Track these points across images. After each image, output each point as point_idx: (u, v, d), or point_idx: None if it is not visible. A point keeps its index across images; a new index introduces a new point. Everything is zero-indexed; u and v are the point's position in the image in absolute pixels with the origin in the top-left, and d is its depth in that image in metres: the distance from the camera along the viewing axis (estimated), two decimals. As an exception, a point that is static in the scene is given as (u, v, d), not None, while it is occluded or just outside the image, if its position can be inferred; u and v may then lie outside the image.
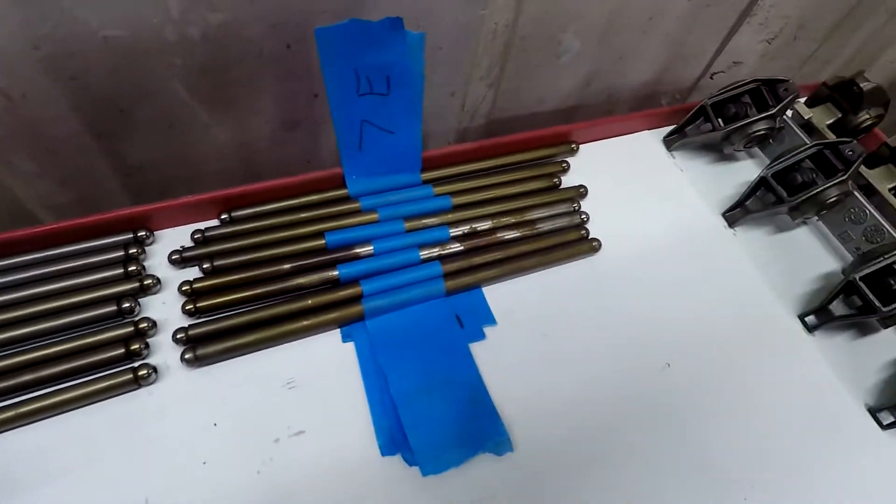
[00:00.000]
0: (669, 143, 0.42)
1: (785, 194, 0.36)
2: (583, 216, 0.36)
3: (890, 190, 0.37)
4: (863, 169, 0.38)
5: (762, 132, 0.39)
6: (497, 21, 0.38)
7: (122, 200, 0.40)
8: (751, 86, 0.39)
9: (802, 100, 0.42)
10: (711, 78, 0.56)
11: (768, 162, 0.40)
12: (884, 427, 0.31)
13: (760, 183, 0.37)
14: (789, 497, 0.28)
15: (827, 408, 0.32)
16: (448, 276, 0.31)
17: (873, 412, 0.32)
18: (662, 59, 0.51)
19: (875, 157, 0.38)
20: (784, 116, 0.40)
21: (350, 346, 0.30)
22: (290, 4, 0.32)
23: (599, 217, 0.37)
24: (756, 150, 0.43)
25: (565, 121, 0.54)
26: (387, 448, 0.26)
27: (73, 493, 0.24)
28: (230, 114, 0.38)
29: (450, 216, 0.34)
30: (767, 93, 0.38)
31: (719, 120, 0.39)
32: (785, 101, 0.37)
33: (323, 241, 0.31)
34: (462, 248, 0.33)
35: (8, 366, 0.25)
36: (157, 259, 0.31)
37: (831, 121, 0.41)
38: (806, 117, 0.41)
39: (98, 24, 0.29)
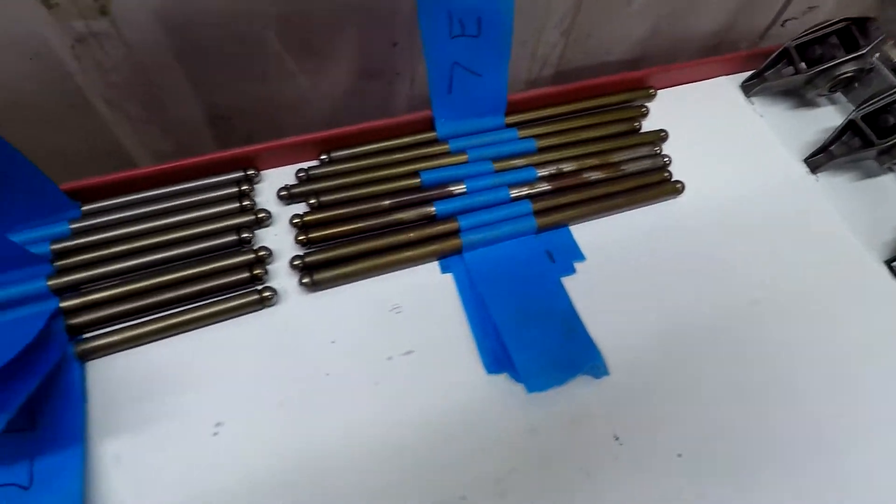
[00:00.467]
0: (748, 88, 0.42)
1: (874, 137, 0.36)
2: (665, 159, 0.36)
3: None
4: (956, 110, 0.37)
5: (850, 74, 0.38)
6: (577, -35, 0.38)
7: (212, 148, 0.43)
8: (838, 25, 0.38)
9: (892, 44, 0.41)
10: (783, 25, 0.54)
11: (852, 108, 0.39)
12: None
13: (848, 126, 0.37)
14: (877, 434, 0.29)
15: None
16: (538, 213, 0.33)
17: (962, 349, 0.32)
18: (732, 5, 0.50)
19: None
20: (873, 58, 0.39)
21: (448, 277, 0.31)
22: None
23: (680, 161, 0.37)
24: (839, 95, 0.42)
25: (631, 71, 0.54)
26: (492, 367, 0.28)
27: (213, 397, 0.27)
28: (314, 63, 0.39)
29: (535, 158, 0.35)
30: (857, 32, 0.37)
31: (802, 63, 0.39)
32: (877, 41, 0.37)
33: (418, 180, 0.33)
34: (550, 187, 0.34)
35: (149, 286, 0.28)
36: (264, 196, 0.33)
37: (922, 62, 0.40)
38: None
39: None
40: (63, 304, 0.27)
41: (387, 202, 0.32)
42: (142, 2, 0.30)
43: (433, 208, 0.32)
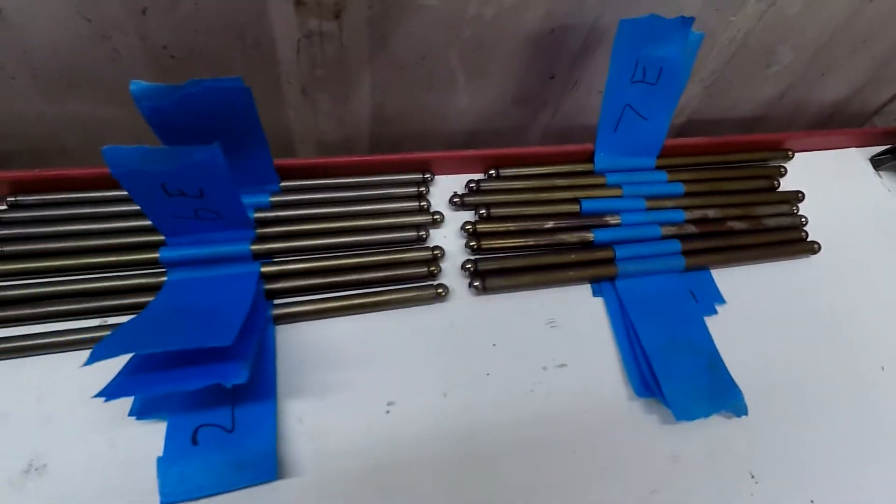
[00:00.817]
0: (878, 162, 0.44)
1: None
2: (802, 219, 0.38)
3: None
4: None
5: None
6: (739, 28, 0.41)
7: (366, 145, 0.46)
8: (982, 119, 0.40)
9: None
10: (900, 107, 0.56)
11: (979, 196, 0.41)
12: None
13: (981, 214, 0.38)
14: None
15: None
16: (686, 253, 0.35)
17: None
18: (859, 81, 0.52)
19: None
20: None
21: (599, 301, 0.34)
22: (570, 1, 0.36)
23: (815, 222, 0.39)
24: (966, 182, 0.44)
25: (747, 131, 0.56)
26: (641, 391, 0.30)
27: (386, 377, 0.29)
28: (478, 83, 0.42)
29: (684, 201, 0.37)
30: None
31: (939, 148, 0.41)
32: None
33: (577, 207, 0.35)
34: (696, 231, 0.36)
35: (339, 265, 0.31)
36: (435, 199, 0.36)
37: None
38: None
39: (424, -7, 0.34)
40: (263, 270, 0.30)
41: (550, 223, 0.34)
42: (364, 10, 0.34)
43: (591, 235, 0.34)
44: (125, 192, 0.31)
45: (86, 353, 0.22)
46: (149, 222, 0.30)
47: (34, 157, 0.41)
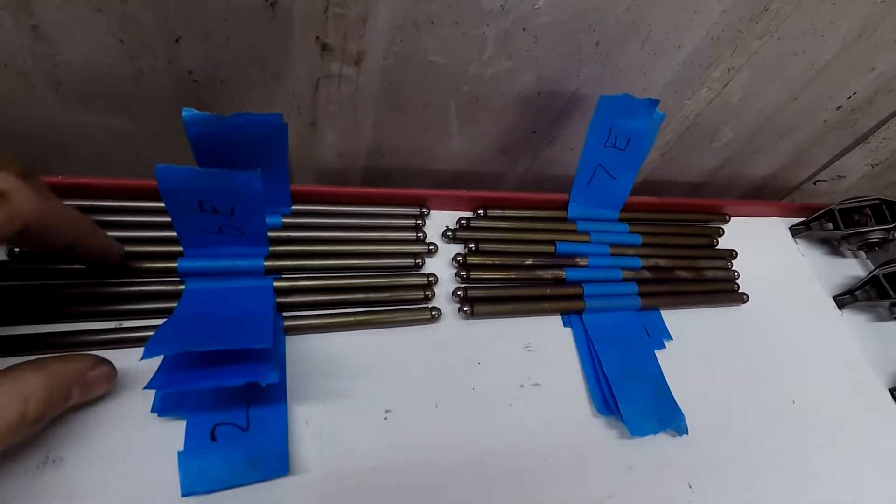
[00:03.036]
0: (796, 231, 0.52)
1: (892, 292, 0.46)
2: (735, 273, 0.45)
3: (971, 307, 0.47)
4: (950, 286, 0.47)
5: (875, 240, 0.49)
6: (692, 109, 0.49)
7: (359, 178, 0.50)
8: (873, 201, 0.49)
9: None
10: (815, 184, 0.67)
11: (871, 264, 0.50)
12: (948, 485, 0.40)
13: (872, 279, 0.47)
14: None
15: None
16: (641, 295, 0.41)
17: (941, 473, 0.41)
18: (784, 161, 0.62)
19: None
20: (894, 232, 0.50)
21: (568, 331, 0.38)
22: (558, 71, 0.42)
23: (745, 277, 0.46)
24: (862, 253, 0.53)
25: (692, 193, 0.65)
26: (603, 409, 0.35)
27: (384, 387, 0.32)
28: (469, 131, 0.48)
29: (641, 250, 0.43)
30: (886, 209, 0.48)
31: (842, 223, 0.49)
32: (900, 220, 0.48)
33: (553, 248, 0.40)
34: (650, 276, 0.42)
35: (345, 285, 0.34)
36: (430, 232, 0.40)
37: (928, 243, 0.51)
38: (908, 236, 0.51)
39: (432, 51, 0.39)
40: (276, 284, 0.33)
41: (529, 260, 0.39)
42: (380, 59, 0.38)
43: (564, 273, 0.39)
44: (142, 204, 0.34)
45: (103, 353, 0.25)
46: (165, 234, 0.33)
47: (33, 161, 0.42)
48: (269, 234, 0.35)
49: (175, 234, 0.30)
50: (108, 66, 0.34)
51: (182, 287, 0.31)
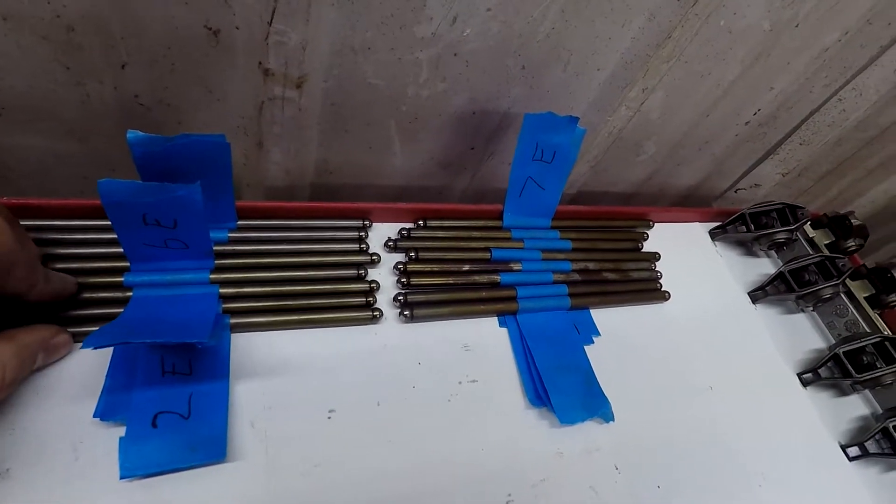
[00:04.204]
0: (714, 234, 0.57)
1: (795, 286, 0.51)
2: (658, 273, 0.50)
3: (864, 298, 0.52)
4: (847, 280, 0.53)
5: (781, 240, 0.54)
6: (615, 126, 0.53)
7: (306, 194, 0.52)
8: (778, 206, 0.54)
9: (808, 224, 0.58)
10: (735, 192, 0.73)
11: (780, 263, 0.55)
12: (850, 459, 0.45)
13: (778, 276, 0.52)
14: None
15: (809, 443, 0.45)
16: (571, 296, 0.44)
17: (843, 447, 0.45)
18: (705, 172, 0.67)
19: (856, 273, 0.53)
20: (797, 233, 0.55)
21: (503, 331, 0.41)
22: (489, 91, 0.46)
23: (667, 277, 0.50)
24: (773, 252, 0.58)
25: (625, 203, 0.70)
26: (535, 401, 0.38)
27: (328, 387, 0.34)
28: (410, 148, 0.51)
29: (570, 255, 0.47)
30: (789, 213, 0.54)
31: (752, 226, 0.55)
32: (801, 222, 0.53)
33: (489, 255, 0.43)
34: (579, 279, 0.46)
35: (289, 291, 0.36)
36: (372, 243, 0.42)
37: (827, 241, 0.57)
38: (810, 235, 0.57)
39: (371, 74, 0.42)
40: (221, 291, 0.35)
41: (466, 266, 0.42)
42: (321, 83, 0.41)
43: (499, 277, 0.42)
44: (88, 223, 0.35)
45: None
46: (111, 250, 0.34)
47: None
48: (216, 248, 0.37)
49: (122, 249, 0.32)
50: (52, 91, 0.36)
51: (130, 294, 0.33)
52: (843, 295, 0.51)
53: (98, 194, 0.28)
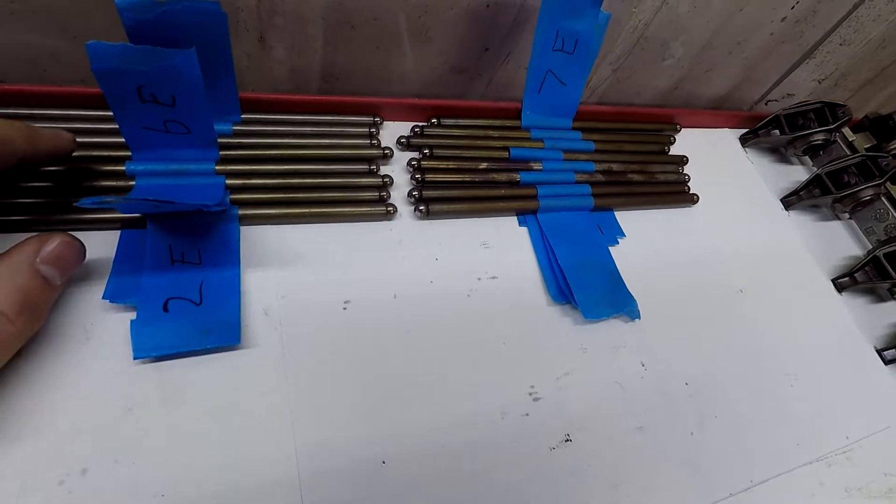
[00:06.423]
0: (744, 140, 0.54)
1: (833, 188, 0.48)
2: (686, 176, 0.47)
3: (908, 200, 0.49)
4: (889, 184, 0.50)
5: (819, 142, 0.51)
6: (640, 19, 0.49)
7: (314, 103, 0.49)
8: (816, 105, 0.51)
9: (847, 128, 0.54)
10: (766, 104, 0.68)
11: (816, 169, 0.52)
12: (886, 362, 0.43)
13: (815, 179, 0.49)
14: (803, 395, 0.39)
15: (843, 346, 0.43)
16: (594, 196, 0.42)
17: (879, 352, 0.43)
18: (736, 79, 0.63)
19: (898, 176, 0.50)
20: (836, 134, 0.52)
21: (524, 230, 0.39)
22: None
23: (695, 181, 0.48)
24: (806, 158, 0.55)
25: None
26: (558, 297, 0.36)
27: (343, 280, 0.33)
28: (421, 49, 0.47)
29: (594, 156, 0.44)
30: (828, 112, 0.50)
31: (787, 129, 0.51)
32: (841, 121, 0.49)
33: (507, 154, 0.41)
34: (603, 179, 0.43)
35: (299, 183, 0.34)
36: (384, 141, 0.40)
37: (868, 146, 0.53)
38: (850, 139, 0.53)
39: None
40: (228, 182, 0.33)
41: (484, 164, 0.40)
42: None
43: (518, 176, 0.40)
44: (87, 112, 0.33)
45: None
46: (112, 139, 0.32)
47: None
48: (220, 141, 0.35)
49: (122, 139, 0.30)
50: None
51: (132, 183, 0.31)
52: (883, 198, 0.48)
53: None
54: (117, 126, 0.30)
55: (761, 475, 0.34)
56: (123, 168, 0.32)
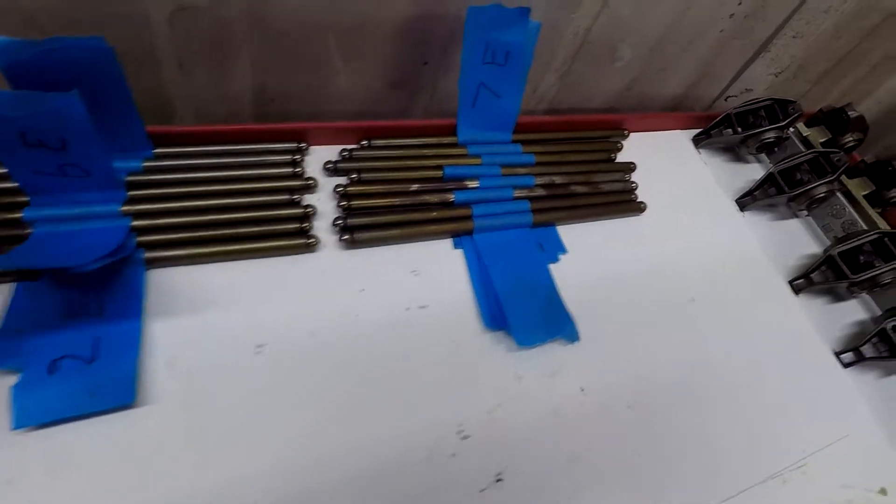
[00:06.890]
0: (697, 141, 0.52)
1: (786, 187, 0.46)
2: (633, 184, 0.45)
3: (863, 196, 0.48)
4: (844, 178, 0.48)
5: (771, 140, 0.49)
6: (580, 25, 0.48)
7: (251, 123, 0.48)
8: (766, 102, 0.49)
9: (801, 122, 0.53)
10: (725, 100, 0.67)
11: (771, 166, 0.50)
12: (845, 365, 0.42)
13: (768, 178, 0.47)
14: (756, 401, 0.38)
15: (803, 352, 0.42)
16: (534, 212, 0.40)
17: (837, 354, 0.42)
18: (692, 77, 0.62)
19: (854, 170, 0.49)
20: (788, 131, 0.50)
21: (458, 253, 0.38)
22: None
23: (643, 188, 0.46)
24: (763, 156, 0.53)
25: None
26: (491, 324, 0.35)
27: (257, 320, 0.31)
28: (355, 65, 0.46)
29: (534, 169, 0.43)
30: (779, 109, 0.49)
31: (739, 127, 0.50)
32: (792, 118, 0.48)
33: (441, 173, 0.40)
34: (544, 193, 0.42)
35: (211, 220, 0.33)
36: (310, 168, 0.39)
37: (823, 140, 0.52)
38: (804, 134, 0.52)
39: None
40: (135, 223, 0.32)
41: (415, 186, 0.38)
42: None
43: (452, 196, 0.39)
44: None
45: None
46: (7, 185, 0.31)
47: None
48: (129, 179, 0.33)
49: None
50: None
51: (29, 231, 0.30)
52: (839, 194, 0.47)
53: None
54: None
55: (714, 498, 0.33)
56: (21, 215, 0.30)
